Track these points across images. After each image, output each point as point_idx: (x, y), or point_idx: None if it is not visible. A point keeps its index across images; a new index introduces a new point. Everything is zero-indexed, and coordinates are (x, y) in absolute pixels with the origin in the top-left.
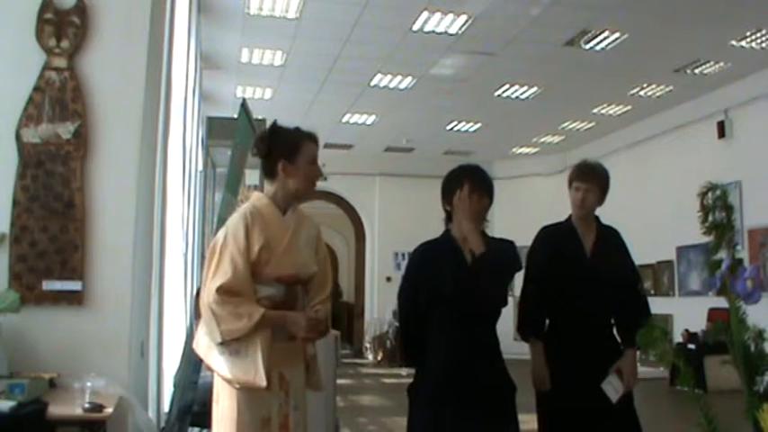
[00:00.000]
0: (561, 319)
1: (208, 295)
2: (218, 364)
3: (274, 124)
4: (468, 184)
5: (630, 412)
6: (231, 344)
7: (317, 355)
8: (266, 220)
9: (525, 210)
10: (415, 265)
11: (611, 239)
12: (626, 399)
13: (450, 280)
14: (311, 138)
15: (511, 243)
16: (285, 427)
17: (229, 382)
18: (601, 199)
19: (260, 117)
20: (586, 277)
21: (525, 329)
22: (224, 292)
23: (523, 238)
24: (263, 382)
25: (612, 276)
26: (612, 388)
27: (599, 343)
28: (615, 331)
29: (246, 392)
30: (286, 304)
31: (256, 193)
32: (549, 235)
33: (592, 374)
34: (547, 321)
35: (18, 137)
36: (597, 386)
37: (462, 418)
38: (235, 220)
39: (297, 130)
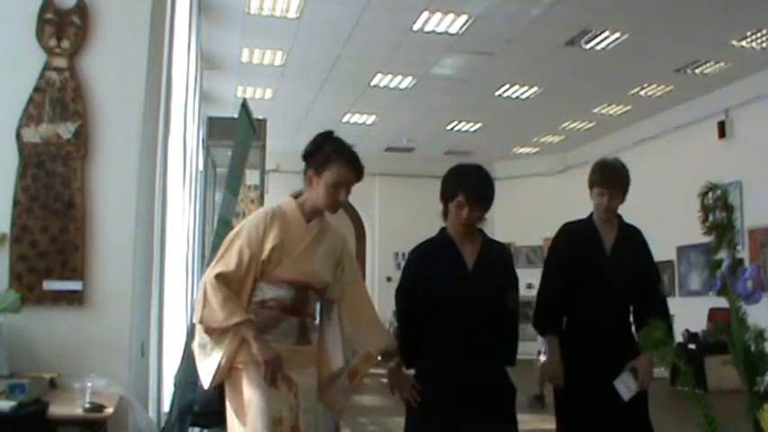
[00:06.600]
0: (579, 316)
1: (208, 277)
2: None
3: (331, 132)
4: (462, 197)
5: (644, 412)
6: (203, 334)
7: (338, 371)
8: (287, 222)
9: (525, 210)
10: (415, 265)
11: (632, 238)
12: (640, 399)
13: (449, 280)
14: (349, 164)
15: (506, 249)
16: (297, 428)
17: None
18: (623, 199)
19: (260, 117)
20: (605, 275)
21: (542, 324)
22: (222, 280)
23: (524, 238)
24: (206, 386)
25: (632, 275)
26: (625, 386)
27: (617, 341)
28: (634, 330)
29: (261, 390)
30: (295, 308)
31: (288, 197)
32: (570, 232)
33: (609, 373)
34: (565, 319)
35: (18, 137)
36: (613, 385)
37: (461, 418)
38: (256, 216)
39: (340, 148)
